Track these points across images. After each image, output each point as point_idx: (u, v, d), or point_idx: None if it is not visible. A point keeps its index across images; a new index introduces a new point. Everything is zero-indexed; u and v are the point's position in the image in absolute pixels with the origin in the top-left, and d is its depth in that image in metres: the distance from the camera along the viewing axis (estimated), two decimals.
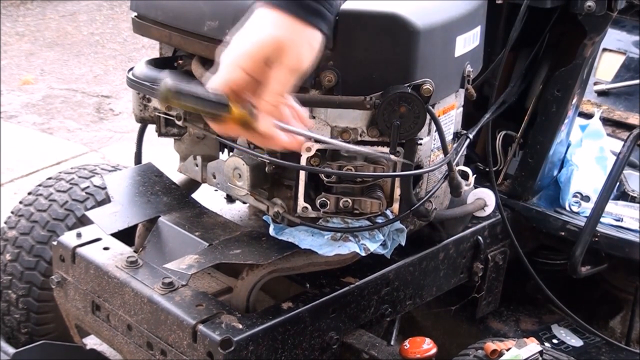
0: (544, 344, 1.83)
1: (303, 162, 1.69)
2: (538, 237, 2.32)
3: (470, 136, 1.90)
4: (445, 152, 1.79)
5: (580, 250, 2.14)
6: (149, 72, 1.79)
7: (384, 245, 1.78)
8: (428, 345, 1.81)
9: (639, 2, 2.58)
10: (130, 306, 1.82)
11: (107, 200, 2.15)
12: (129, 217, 1.94)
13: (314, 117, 1.68)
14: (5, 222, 2.34)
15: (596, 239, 2.18)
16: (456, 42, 1.74)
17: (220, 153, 1.92)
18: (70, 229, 2.22)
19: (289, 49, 1.28)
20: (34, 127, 4.69)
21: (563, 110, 2.18)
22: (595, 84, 2.68)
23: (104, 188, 2.29)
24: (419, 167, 1.76)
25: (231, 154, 1.81)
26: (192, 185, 2.08)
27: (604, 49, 2.69)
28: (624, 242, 2.20)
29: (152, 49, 5.76)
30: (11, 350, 2.08)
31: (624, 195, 2.39)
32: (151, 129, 1.99)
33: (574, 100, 2.21)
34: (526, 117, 2.26)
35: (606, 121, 2.58)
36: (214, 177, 1.87)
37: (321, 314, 1.79)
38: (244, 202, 2.01)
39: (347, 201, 1.72)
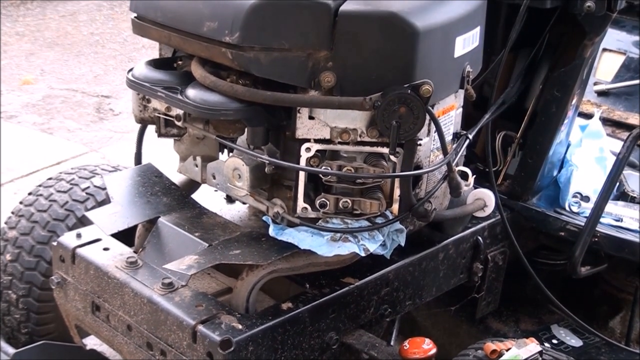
0: (543, 344, 1.83)
1: (303, 162, 1.70)
2: (538, 238, 2.32)
3: (470, 136, 1.90)
4: (444, 152, 1.79)
5: (579, 250, 2.14)
6: (148, 73, 1.79)
7: (383, 245, 1.78)
8: (428, 346, 1.81)
9: (638, 2, 2.58)
10: (130, 306, 1.82)
11: (107, 200, 2.16)
12: (129, 218, 1.94)
13: (313, 118, 1.68)
14: (6, 223, 2.34)
15: (596, 239, 2.18)
16: (456, 42, 1.74)
17: (220, 154, 1.92)
18: (70, 229, 2.22)
19: None
20: (34, 127, 4.69)
21: (562, 111, 2.18)
22: (595, 84, 2.68)
23: (104, 188, 2.29)
24: (418, 167, 1.76)
25: (231, 154, 1.82)
26: (192, 185, 2.08)
27: (604, 49, 2.69)
28: (624, 242, 2.20)
29: (152, 49, 5.75)
30: (11, 350, 2.08)
31: (623, 196, 2.39)
32: (151, 129, 1.99)
33: (574, 101, 2.21)
34: (526, 118, 2.26)
35: (606, 121, 2.58)
36: (214, 178, 1.87)
37: (321, 314, 1.79)
38: (244, 203, 2.01)
39: (346, 202, 1.72)
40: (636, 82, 2.62)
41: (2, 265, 2.27)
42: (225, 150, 1.91)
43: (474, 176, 1.90)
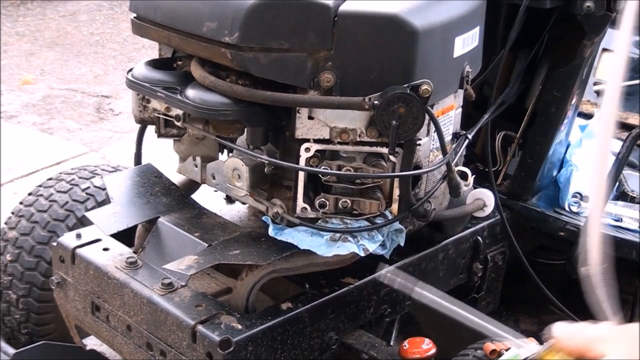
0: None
1: (302, 162, 1.70)
2: (537, 238, 2.32)
3: (469, 136, 1.90)
4: (444, 152, 1.79)
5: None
6: (148, 73, 1.79)
7: (383, 245, 1.78)
8: (427, 346, 1.82)
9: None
10: (130, 307, 1.82)
11: (107, 201, 2.16)
12: (129, 218, 1.94)
13: (312, 118, 1.68)
14: (6, 223, 2.34)
15: None
16: (455, 42, 1.74)
17: (220, 154, 1.92)
18: (70, 229, 2.22)
19: None
20: (34, 127, 4.69)
21: (562, 111, 2.18)
22: (595, 84, 2.68)
23: (105, 189, 2.28)
24: (417, 167, 1.76)
25: (230, 154, 1.82)
26: (192, 186, 2.08)
27: (604, 49, 2.68)
28: (624, 242, 2.20)
29: (152, 49, 5.75)
30: (11, 350, 2.08)
31: (623, 196, 2.39)
32: (151, 129, 1.99)
33: (574, 101, 2.21)
34: (525, 118, 2.26)
35: None
36: (214, 178, 1.87)
37: (320, 314, 1.79)
38: (244, 203, 2.01)
39: (346, 202, 1.72)
40: (636, 82, 2.62)
41: (2, 265, 2.27)
42: (225, 151, 1.91)
43: (474, 176, 1.90)
